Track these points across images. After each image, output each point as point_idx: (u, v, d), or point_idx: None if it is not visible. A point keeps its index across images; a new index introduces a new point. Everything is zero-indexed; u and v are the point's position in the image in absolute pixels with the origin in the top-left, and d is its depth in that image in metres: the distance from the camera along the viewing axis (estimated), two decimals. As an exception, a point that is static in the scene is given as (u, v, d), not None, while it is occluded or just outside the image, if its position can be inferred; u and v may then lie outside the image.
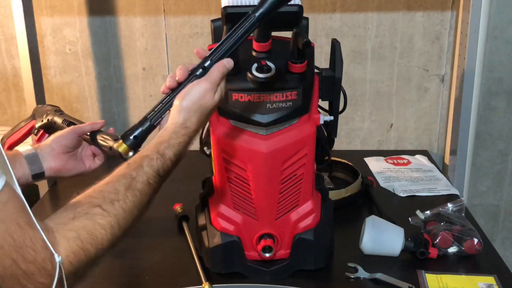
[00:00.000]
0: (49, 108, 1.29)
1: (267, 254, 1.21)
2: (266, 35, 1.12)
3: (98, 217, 0.79)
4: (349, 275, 1.22)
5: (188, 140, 0.92)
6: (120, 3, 1.87)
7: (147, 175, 0.86)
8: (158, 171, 0.87)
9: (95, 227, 0.78)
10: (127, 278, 1.24)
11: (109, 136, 1.13)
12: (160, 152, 0.89)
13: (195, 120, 0.92)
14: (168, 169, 0.89)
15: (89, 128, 1.15)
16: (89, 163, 1.17)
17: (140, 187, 0.85)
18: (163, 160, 0.88)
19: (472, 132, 1.88)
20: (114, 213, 0.81)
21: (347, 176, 1.70)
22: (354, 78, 1.91)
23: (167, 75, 1.94)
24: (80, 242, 0.76)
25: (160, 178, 0.88)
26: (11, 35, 1.90)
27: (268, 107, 1.11)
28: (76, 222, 0.77)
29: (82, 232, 0.77)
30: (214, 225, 1.25)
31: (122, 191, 0.83)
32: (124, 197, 0.82)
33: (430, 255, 1.28)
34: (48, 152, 1.11)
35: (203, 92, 0.93)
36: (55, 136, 1.13)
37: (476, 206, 1.97)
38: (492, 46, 1.81)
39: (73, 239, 0.75)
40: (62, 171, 1.13)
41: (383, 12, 1.84)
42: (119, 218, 0.81)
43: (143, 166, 0.86)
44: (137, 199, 0.84)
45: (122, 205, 0.82)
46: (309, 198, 1.24)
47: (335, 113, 1.28)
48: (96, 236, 0.78)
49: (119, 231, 0.81)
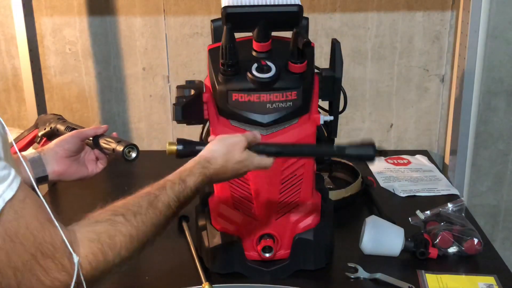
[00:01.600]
0: (52, 117, 1.30)
1: (267, 254, 1.21)
2: (266, 35, 1.12)
3: (120, 225, 0.82)
4: (349, 275, 1.22)
5: (207, 175, 0.96)
6: (120, 3, 1.87)
7: (169, 198, 0.90)
8: (179, 196, 0.91)
9: (116, 233, 0.81)
10: (127, 278, 1.24)
11: (111, 139, 1.13)
12: (182, 178, 0.93)
13: (220, 161, 0.97)
14: (187, 197, 0.93)
15: (92, 133, 1.15)
16: (92, 168, 1.18)
17: (161, 207, 0.88)
18: (184, 186, 0.92)
19: (472, 132, 1.88)
20: (135, 225, 0.84)
21: (347, 176, 1.70)
22: (354, 78, 1.91)
23: (167, 75, 1.94)
24: (100, 245, 0.78)
25: (179, 204, 0.91)
26: (11, 35, 1.90)
27: (268, 107, 1.11)
28: (98, 226, 0.80)
29: (103, 236, 0.79)
30: (214, 225, 1.25)
31: (145, 206, 0.87)
32: (146, 212, 0.86)
33: (430, 255, 1.28)
34: (51, 156, 1.12)
35: (235, 141, 0.99)
36: (58, 140, 1.14)
37: (476, 206, 1.97)
38: (492, 46, 1.81)
39: (94, 240, 0.78)
40: (65, 175, 1.14)
41: (383, 12, 1.84)
42: (139, 231, 0.84)
43: (166, 188, 0.91)
44: (156, 218, 0.87)
45: (143, 219, 0.85)
46: (309, 198, 1.24)
47: (335, 113, 1.28)
48: (116, 242, 0.80)
49: (137, 244, 0.84)
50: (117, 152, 1.10)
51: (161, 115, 2.00)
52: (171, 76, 1.95)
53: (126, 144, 1.09)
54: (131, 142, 1.10)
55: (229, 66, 1.10)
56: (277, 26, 1.14)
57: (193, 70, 1.93)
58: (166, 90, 1.97)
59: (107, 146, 1.12)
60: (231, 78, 1.11)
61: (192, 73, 1.93)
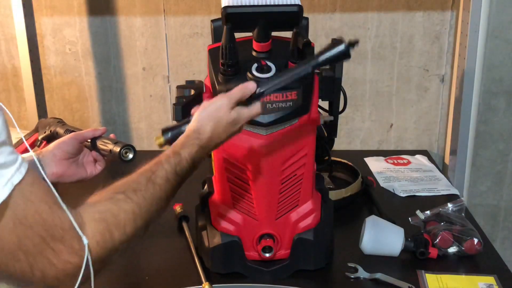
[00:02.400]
0: (52, 120, 1.31)
1: (267, 254, 1.21)
2: (266, 35, 1.12)
3: (122, 202, 0.83)
4: (349, 275, 1.22)
5: (200, 145, 0.96)
6: (120, 3, 1.87)
7: (166, 171, 0.91)
8: (175, 169, 0.92)
9: (119, 211, 0.82)
10: (127, 278, 1.24)
11: (109, 140, 1.14)
12: (176, 151, 0.94)
13: (209, 129, 0.97)
14: (185, 169, 0.93)
15: (90, 135, 1.16)
16: (90, 169, 1.18)
17: (159, 181, 0.89)
18: (179, 158, 0.93)
19: (472, 132, 1.88)
20: (137, 201, 0.85)
21: (347, 176, 1.70)
22: (354, 78, 1.91)
23: (167, 75, 1.94)
24: (106, 224, 0.80)
25: (177, 177, 0.92)
26: (11, 35, 1.90)
27: (268, 107, 1.11)
28: (101, 205, 0.82)
29: (107, 215, 0.81)
30: (214, 225, 1.25)
31: (144, 182, 0.88)
32: (145, 188, 0.87)
33: (430, 255, 1.28)
34: (50, 158, 1.12)
35: (218, 105, 0.98)
36: (57, 143, 1.15)
37: (476, 206, 1.97)
38: (492, 46, 1.81)
39: (100, 220, 0.79)
40: (64, 177, 1.14)
41: (383, 12, 1.84)
42: (141, 207, 0.85)
43: (162, 163, 0.91)
44: (156, 192, 0.88)
45: (144, 194, 0.86)
46: (309, 198, 1.24)
47: (335, 113, 1.28)
48: (120, 220, 0.82)
49: (140, 221, 0.85)
50: (114, 153, 1.10)
51: (161, 115, 2.00)
52: (171, 76, 1.95)
53: (123, 145, 1.10)
54: (128, 143, 1.11)
55: (229, 66, 1.10)
56: (277, 26, 1.14)
57: (193, 70, 1.93)
58: (166, 90, 1.97)
59: (104, 148, 1.13)
60: (231, 78, 1.11)
61: (192, 73, 1.93)
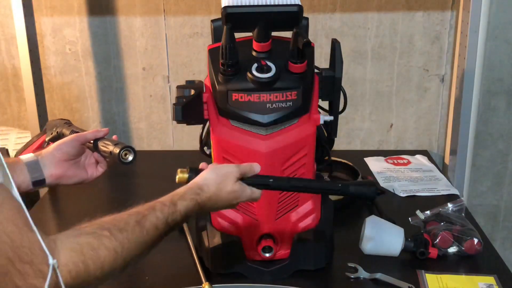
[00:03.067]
0: (59, 122, 1.30)
1: (267, 254, 1.21)
2: (266, 35, 1.12)
3: (105, 238, 0.80)
4: (349, 275, 1.22)
5: (198, 202, 0.95)
6: (120, 3, 1.87)
7: (157, 219, 0.89)
8: (167, 219, 0.90)
9: (99, 246, 0.79)
10: (127, 278, 1.24)
11: (110, 141, 1.13)
12: (173, 201, 0.93)
13: (212, 189, 0.97)
14: (176, 221, 0.92)
15: (92, 136, 1.15)
16: (91, 171, 1.17)
17: (148, 226, 0.87)
18: (173, 209, 0.92)
19: (472, 132, 1.88)
20: (121, 240, 0.82)
21: (347, 176, 1.70)
22: (354, 78, 1.91)
23: (167, 75, 1.95)
24: (82, 256, 0.77)
25: (167, 227, 0.91)
26: (11, 35, 1.90)
27: (268, 107, 1.11)
28: (82, 237, 0.79)
29: (85, 247, 0.78)
30: (214, 225, 1.25)
31: (132, 223, 0.85)
32: (132, 229, 0.85)
33: (430, 255, 1.28)
34: (49, 159, 1.11)
35: (228, 171, 1.00)
36: (57, 144, 1.14)
37: (476, 206, 1.97)
38: (492, 46, 1.81)
39: (75, 250, 0.76)
40: (63, 179, 1.13)
41: (383, 12, 1.84)
42: (124, 247, 0.82)
43: (155, 210, 0.90)
44: (142, 236, 0.86)
45: (129, 236, 0.84)
46: (309, 198, 1.24)
47: (335, 113, 1.28)
48: (99, 255, 0.79)
49: (120, 261, 0.82)
50: (114, 155, 1.09)
51: (161, 115, 2.00)
52: (171, 76, 1.95)
53: (123, 147, 1.09)
54: (128, 145, 1.10)
55: (229, 66, 1.10)
56: (277, 26, 1.14)
57: (193, 70, 1.93)
58: (166, 90, 1.97)
59: (105, 149, 1.12)
60: (231, 78, 1.11)
61: (192, 73, 1.93)
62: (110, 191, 1.74)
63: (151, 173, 1.75)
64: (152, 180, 1.68)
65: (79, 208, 1.59)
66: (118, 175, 1.82)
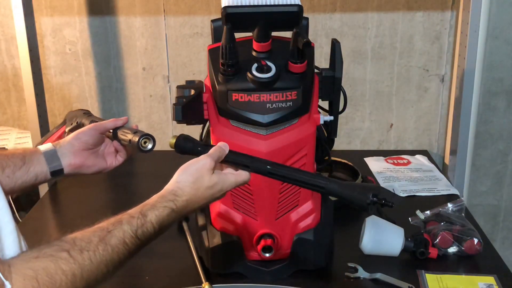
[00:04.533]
0: (78, 112, 1.29)
1: (267, 254, 1.21)
2: (266, 35, 1.12)
3: (63, 261, 0.76)
4: (349, 275, 1.22)
5: (173, 209, 0.90)
6: (120, 3, 1.87)
7: (124, 233, 0.84)
8: (136, 232, 0.85)
9: (56, 271, 0.74)
10: (127, 278, 1.24)
11: (129, 130, 1.11)
12: (143, 212, 0.87)
13: (188, 191, 0.92)
14: (148, 234, 0.87)
15: (111, 125, 1.13)
16: (111, 160, 1.15)
17: (114, 243, 0.82)
18: (143, 220, 0.86)
19: (472, 132, 1.88)
20: (80, 262, 0.77)
21: (347, 176, 1.70)
22: (354, 78, 1.91)
23: (167, 75, 1.94)
24: (36, 283, 0.72)
25: (137, 240, 0.85)
26: (11, 35, 1.90)
27: (268, 107, 1.11)
28: (38, 262, 0.74)
29: (41, 273, 0.73)
30: (214, 225, 1.25)
31: (95, 242, 0.80)
32: (94, 249, 0.80)
33: (430, 255, 1.28)
34: (68, 149, 1.10)
35: (200, 165, 0.94)
36: (75, 133, 1.12)
37: (476, 206, 1.97)
38: (492, 46, 1.81)
39: (30, 278, 0.72)
40: (82, 168, 1.11)
41: (383, 12, 1.84)
42: (84, 269, 0.78)
43: (122, 223, 0.85)
44: (107, 255, 0.81)
45: (91, 256, 0.79)
46: (309, 198, 1.24)
47: (335, 113, 1.28)
48: (55, 281, 0.74)
49: (81, 283, 0.78)
50: (133, 143, 1.07)
51: (161, 115, 2.00)
52: (171, 76, 1.95)
53: (142, 135, 1.07)
54: (147, 133, 1.08)
55: (229, 66, 1.10)
56: (277, 26, 1.14)
57: (193, 70, 1.93)
58: (166, 90, 1.97)
59: (124, 137, 1.10)
60: (231, 78, 1.11)
61: (192, 73, 1.93)
62: (110, 191, 1.74)
63: (151, 173, 1.75)
64: (152, 180, 1.68)
65: (79, 208, 1.59)
66: (118, 175, 1.81)
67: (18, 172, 1.05)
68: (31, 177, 1.06)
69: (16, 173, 1.04)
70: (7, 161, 1.04)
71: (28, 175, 1.06)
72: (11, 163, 1.04)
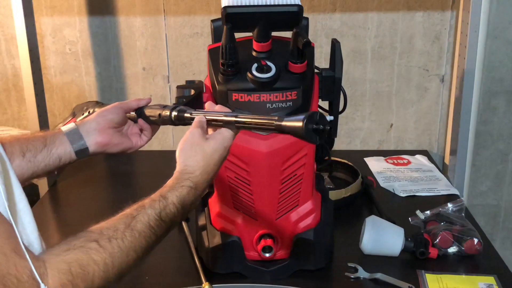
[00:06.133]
0: (90, 103, 1.27)
1: (267, 254, 1.21)
2: (266, 35, 1.12)
3: (93, 252, 0.76)
4: (349, 275, 1.22)
5: (191, 186, 0.90)
6: (120, 3, 1.87)
7: (148, 217, 0.84)
8: (160, 214, 0.86)
9: (88, 262, 0.75)
10: (127, 278, 1.23)
11: (156, 106, 1.09)
12: (163, 195, 0.88)
13: (196, 164, 0.91)
14: (172, 215, 0.87)
15: (135, 104, 1.11)
16: (136, 140, 1.13)
17: (140, 227, 0.83)
18: (165, 202, 0.87)
19: (472, 132, 1.88)
20: (110, 251, 0.78)
21: (347, 176, 1.70)
22: (354, 78, 1.91)
23: (167, 75, 1.94)
24: (71, 276, 0.73)
25: (162, 223, 0.86)
26: (11, 35, 1.90)
27: (268, 107, 1.11)
28: (70, 254, 0.75)
29: (74, 265, 0.74)
30: (214, 225, 1.25)
31: (121, 229, 0.81)
32: (122, 236, 0.80)
33: (430, 255, 1.28)
34: (93, 127, 1.07)
35: (190, 138, 0.93)
36: (100, 111, 1.09)
37: (476, 206, 1.97)
38: (492, 46, 1.81)
39: (64, 271, 0.73)
40: (109, 146, 1.09)
41: (383, 12, 1.84)
42: (115, 257, 0.79)
43: (145, 207, 0.85)
44: (135, 240, 0.82)
45: (120, 243, 0.80)
46: (309, 198, 1.24)
47: (335, 113, 1.28)
48: (88, 272, 0.75)
49: (113, 271, 0.79)
50: (163, 117, 1.05)
51: (161, 115, 1.99)
52: (171, 76, 1.95)
53: (173, 107, 1.04)
54: (176, 105, 1.05)
55: (229, 66, 1.10)
56: (277, 26, 1.14)
57: (193, 70, 1.93)
58: (166, 90, 1.97)
59: (153, 114, 1.08)
60: (231, 78, 1.11)
61: (192, 73, 1.93)
62: (110, 191, 1.74)
63: (151, 173, 1.75)
64: (152, 180, 1.67)
65: (79, 208, 1.59)
66: (118, 175, 1.82)
67: (39, 155, 1.03)
68: (54, 159, 1.04)
69: (38, 156, 1.03)
70: (27, 145, 1.02)
71: (50, 157, 1.04)
72: (32, 146, 1.03)
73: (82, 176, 1.77)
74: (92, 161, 1.75)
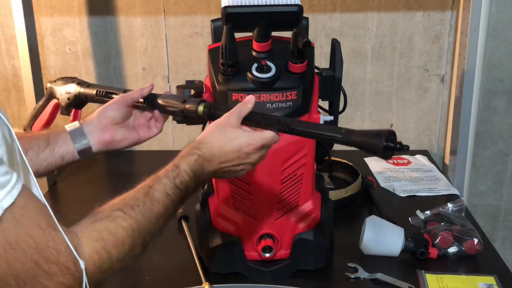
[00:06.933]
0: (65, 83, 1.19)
1: (267, 254, 1.21)
2: (266, 35, 1.12)
3: (120, 219, 0.81)
4: (349, 275, 1.22)
5: (199, 154, 0.92)
6: (120, 3, 1.87)
7: (164, 185, 0.88)
8: (175, 182, 0.89)
9: (117, 228, 0.80)
10: (127, 278, 1.24)
11: (172, 99, 1.05)
12: (175, 164, 0.91)
13: (211, 138, 0.93)
14: (185, 182, 0.90)
15: (138, 95, 1.08)
16: (144, 132, 1.11)
17: (157, 196, 0.87)
18: (178, 170, 0.90)
19: (472, 132, 1.88)
20: (134, 217, 0.82)
21: (347, 176, 1.70)
22: (354, 78, 1.91)
23: (167, 75, 1.94)
24: (103, 242, 0.77)
25: (178, 190, 0.89)
26: (11, 35, 1.90)
27: (268, 107, 1.11)
28: (98, 224, 0.79)
29: (104, 233, 0.78)
30: (214, 225, 1.25)
31: (141, 198, 0.85)
32: (143, 204, 0.84)
33: (430, 255, 1.28)
34: (94, 126, 1.06)
35: (224, 121, 0.95)
36: (100, 109, 1.08)
37: (476, 206, 1.97)
38: (492, 46, 1.81)
39: (96, 239, 0.77)
40: (113, 144, 1.08)
41: (383, 12, 1.84)
42: (139, 223, 0.83)
43: (160, 177, 0.89)
44: (155, 208, 0.86)
45: (142, 210, 0.84)
46: (309, 198, 1.24)
47: (335, 113, 1.28)
48: (118, 237, 0.79)
49: (139, 237, 0.82)
50: (187, 111, 1.02)
51: (161, 115, 1.99)
52: (171, 76, 1.95)
53: (198, 102, 1.01)
54: (201, 99, 1.03)
55: (229, 66, 1.10)
56: (277, 26, 1.14)
57: (193, 70, 1.93)
58: (166, 90, 1.97)
59: (174, 109, 1.04)
60: (231, 78, 1.11)
61: (192, 73, 1.93)
62: (110, 191, 1.72)
63: (151, 173, 1.75)
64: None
65: (79, 208, 1.58)
66: (119, 175, 1.82)
67: (42, 154, 1.03)
68: (57, 158, 1.04)
69: (40, 155, 1.03)
70: (30, 143, 1.02)
71: (53, 156, 1.04)
72: (34, 145, 1.03)
73: (82, 176, 1.77)
74: (92, 161, 1.75)
